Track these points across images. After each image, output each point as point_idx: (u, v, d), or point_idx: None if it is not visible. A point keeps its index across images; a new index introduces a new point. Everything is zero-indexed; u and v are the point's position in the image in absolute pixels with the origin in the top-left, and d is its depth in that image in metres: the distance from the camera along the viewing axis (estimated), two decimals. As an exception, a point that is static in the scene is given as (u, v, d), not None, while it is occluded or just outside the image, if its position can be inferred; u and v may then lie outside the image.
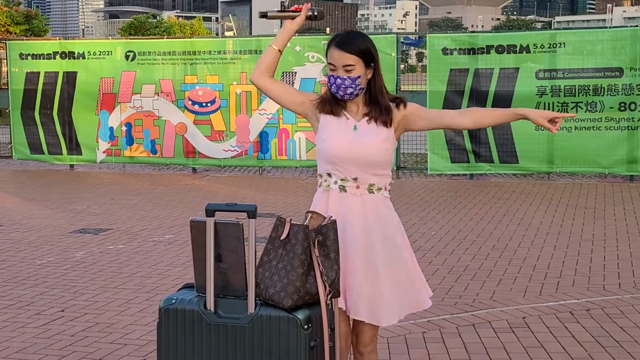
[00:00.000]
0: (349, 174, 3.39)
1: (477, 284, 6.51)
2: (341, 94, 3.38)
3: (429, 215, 9.53)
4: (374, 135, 3.39)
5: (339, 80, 3.35)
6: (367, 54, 3.39)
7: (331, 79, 3.38)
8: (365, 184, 3.40)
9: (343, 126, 3.41)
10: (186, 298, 3.10)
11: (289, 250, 3.05)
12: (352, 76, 3.35)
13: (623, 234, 8.39)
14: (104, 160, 14.00)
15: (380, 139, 3.39)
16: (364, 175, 3.39)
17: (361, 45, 3.38)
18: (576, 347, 5.00)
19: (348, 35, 3.43)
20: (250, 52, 13.26)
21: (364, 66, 3.38)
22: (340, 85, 3.35)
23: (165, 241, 8.24)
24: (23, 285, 6.59)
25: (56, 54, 14.00)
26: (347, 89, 3.36)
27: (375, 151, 3.38)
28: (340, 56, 3.35)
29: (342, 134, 3.39)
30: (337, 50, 3.36)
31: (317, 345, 2.98)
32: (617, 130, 11.87)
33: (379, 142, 3.39)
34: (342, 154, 3.37)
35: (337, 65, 3.35)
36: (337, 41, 3.39)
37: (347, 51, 3.35)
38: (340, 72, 3.35)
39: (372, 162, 3.38)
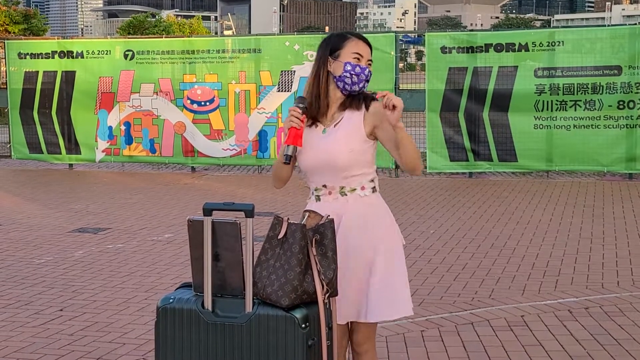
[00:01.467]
0: (319, 182, 3.43)
1: (476, 282, 6.51)
2: (356, 81, 3.40)
3: (428, 214, 9.53)
4: (339, 137, 3.37)
5: (359, 69, 3.40)
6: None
7: (357, 68, 3.40)
8: (335, 188, 3.40)
9: (313, 134, 3.42)
10: (184, 297, 3.10)
11: (286, 249, 3.05)
12: (370, 70, 3.44)
13: (622, 232, 8.40)
14: (102, 159, 14.00)
15: (345, 139, 3.36)
16: (332, 179, 3.39)
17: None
18: (575, 345, 5.00)
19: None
20: (249, 51, 13.26)
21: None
22: (360, 74, 3.39)
23: (164, 240, 8.24)
24: (22, 284, 6.59)
25: (55, 53, 14.00)
26: (361, 82, 3.41)
27: (338, 154, 3.35)
28: (367, 51, 3.44)
29: (310, 144, 3.41)
30: (363, 44, 3.45)
31: (314, 344, 2.98)
32: (616, 129, 11.88)
33: (343, 144, 3.35)
34: (309, 165, 3.42)
35: (364, 56, 3.43)
36: (359, 37, 3.48)
37: (370, 47, 3.47)
38: (363, 63, 3.43)
39: (334, 167, 3.37)
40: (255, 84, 13.15)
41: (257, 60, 13.21)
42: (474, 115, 12.32)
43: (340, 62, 3.40)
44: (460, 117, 12.36)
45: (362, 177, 3.42)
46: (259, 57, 13.20)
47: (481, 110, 12.27)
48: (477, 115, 12.31)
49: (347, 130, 3.39)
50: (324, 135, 3.41)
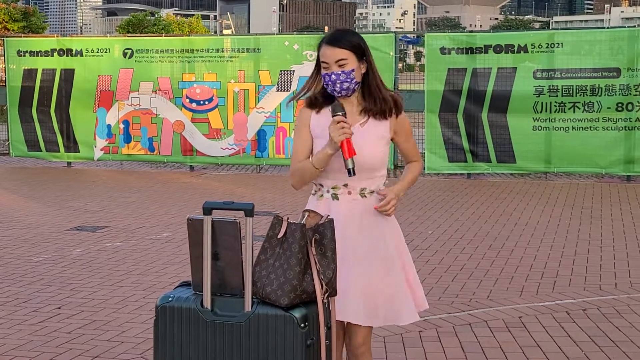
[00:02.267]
0: (340, 181, 3.39)
1: (474, 283, 6.51)
2: (338, 89, 3.36)
3: (426, 215, 9.53)
4: (368, 138, 3.37)
5: (334, 76, 3.34)
6: (357, 47, 3.38)
7: (325, 77, 3.36)
8: (356, 188, 3.39)
9: None
10: (183, 296, 3.10)
11: (286, 249, 3.05)
12: (346, 70, 3.34)
13: (620, 234, 8.40)
14: (101, 157, 13.99)
15: (375, 140, 3.38)
16: (355, 180, 3.36)
17: (351, 39, 3.38)
18: (572, 347, 5.01)
19: (338, 32, 3.44)
20: (249, 50, 13.26)
21: (357, 60, 3.36)
22: (336, 81, 3.34)
23: (163, 239, 8.24)
24: (20, 282, 6.59)
25: (54, 51, 13.99)
26: (342, 83, 3.34)
27: (371, 155, 3.36)
28: (332, 52, 3.34)
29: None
30: (328, 46, 3.37)
31: (313, 344, 2.98)
32: (615, 131, 11.88)
33: (374, 145, 3.37)
34: (332, 164, 3.35)
35: (330, 61, 3.34)
36: (327, 39, 3.40)
37: (337, 46, 3.35)
38: (333, 68, 3.34)
39: (367, 166, 3.35)
40: (254, 84, 13.15)
41: (256, 59, 13.21)
42: (473, 116, 12.33)
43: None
44: (459, 118, 12.37)
45: (381, 179, 3.47)
46: (258, 57, 13.20)
47: (480, 112, 12.28)
48: (476, 116, 12.31)
49: (376, 132, 3.40)
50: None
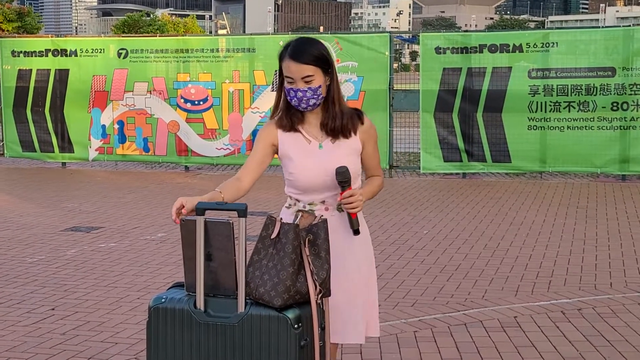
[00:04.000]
0: (317, 198, 3.32)
1: (469, 283, 6.51)
2: (303, 106, 3.26)
3: (422, 214, 9.53)
4: (339, 153, 3.29)
5: (300, 93, 3.22)
6: (323, 60, 3.24)
7: (291, 92, 3.23)
8: (333, 205, 3.32)
9: (306, 151, 3.30)
10: (176, 297, 3.08)
11: (279, 249, 3.04)
12: (313, 87, 3.22)
13: (615, 234, 8.41)
14: (96, 158, 13.96)
15: (346, 157, 3.29)
16: (331, 196, 3.31)
17: (316, 52, 3.22)
18: (567, 347, 5.00)
19: (301, 44, 3.26)
20: (244, 51, 13.25)
21: (322, 74, 3.25)
22: (302, 98, 3.23)
23: (157, 240, 8.22)
24: (14, 283, 6.57)
25: (48, 52, 13.96)
26: (309, 100, 3.24)
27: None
28: (298, 68, 3.20)
29: (307, 161, 3.29)
30: (293, 62, 3.20)
31: (307, 345, 2.97)
32: (610, 130, 11.89)
33: (345, 162, 3.26)
34: (310, 180, 3.29)
35: (296, 77, 3.21)
36: (290, 52, 3.23)
37: (303, 62, 3.20)
38: (299, 85, 3.21)
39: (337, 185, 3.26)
40: (249, 84, 13.13)
41: (251, 59, 13.19)
42: (468, 115, 12.33)
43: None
44: (454, 117, 12.37)
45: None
46: (253, 57, 13.19)
47: (475, 111, 12.28)
48: (471, 115, 12.31)
49: (346, 147, 3.32)
50: (321, 150, 3.30)
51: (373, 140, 3.41)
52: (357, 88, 12.59)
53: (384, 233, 8.45)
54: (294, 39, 3.33)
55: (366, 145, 3.38)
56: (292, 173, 3.32)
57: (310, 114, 3.33)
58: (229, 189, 3.27)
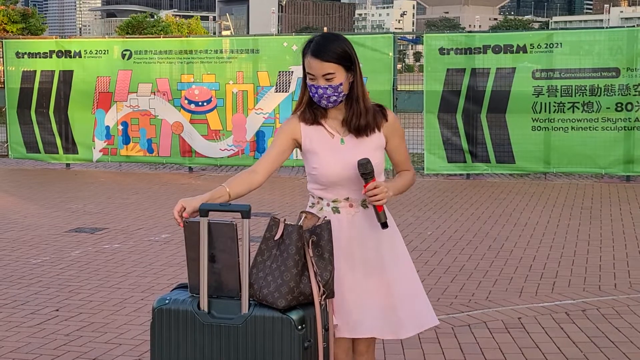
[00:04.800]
0: (340, 195, 3.28)
1: (473, 284, 6.50)
2: (324, 103, 3.25)
3: (425, 215, 9.52)
4: (363, 149, 3.26)
5: (321, 90, 3.21)
6: (345, 58, 3.22)
7: (312, 88, 3.23)
8: (358, 200, 3.29)
9: (330, 145, 3.28)
10: (180, 298, 3.09)
11: (282, 251, 3.03)
12: (334, 84, 3.21)
13: (619, 235, 8.39)
14: (100, 159, 13.98)
15: (369, 152, 3.25)
16: (355, 192, 3.27)
17: (338, 49, 3.21)
18: (572, 348, 5.00)
19: (323, 40, 3.24)
20: (247, 52, 13.25)
21: (344, 71, 3.23)
22: (323, 95, 3.22)
23: (161, 241, 8.23)
24: (18, 284, 6.57)
25: (53, 53, 13.98)
26: (330, 97, 3.22)
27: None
28: (319, 65, 3.18)
29: (331, 156, 3.26)
30: (314, 59, 3.19)
31: (310, 346, 2.97)
32: (614, 131, 11.87)
33: (371, 156, 3.22)
34: (334, 175, 3.25)
35: (317, 74, 3.20)
36: (312, 50, 3.21)
37: (325, 59, 3.18)
38: (320, 82, 3.20)
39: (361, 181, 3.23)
40: (253, 85, 13.14)
41: (255, 60, 13.20)
42: (472, 116, 12.31)
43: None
44: (458, 118, 12.36)
45: None
46: (256, 58, 13.19)
47: (479, 112, 12.27)
48: (475, 116, 12.30)
49: (368, 143, 3.29)
50: (343, 145, 3.28)
51: (398, 135, 3.38)
52: (361, 89, 12.56)
53: (388, 234, 8.43)
54: (317, 35, 3.31)
55: (390, 140, 3.35)
56: (315, 167, 3.28)
57: (333, 110, 3.31)
58: (238, 184, 3.24)
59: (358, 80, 3.28)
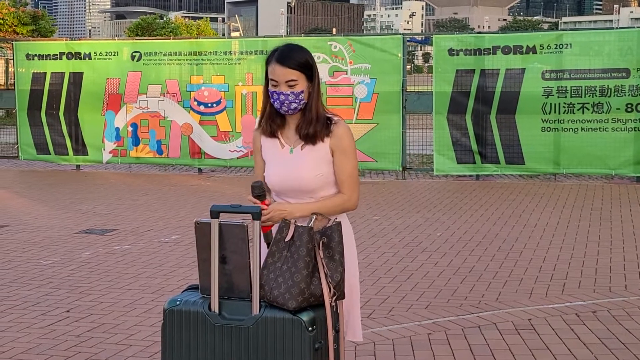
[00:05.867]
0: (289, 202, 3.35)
1: (483, 285, 6.49)
2: (285, 109, 3.34)
3: (435, 217, 9.51)
4: (308, 160, 3.33)
5: (282, 96, 3.31)
6: (307, 67, 3.34)
7: (274, 94, 3.34)
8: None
9: (279, 155, 3.40)
10: (191, 299, 3.09)
11: (293, 252, 3.04)
12: (296, 91, 3.31)
13: (629, 236, 8.37)
14: (110, 160, 14.02)
15: (313, 164, 3.32)
16: (300, 201, 3.34)
17: (301, 59, 3.33)
18: (582, 349, 4.99)
19: (288, 49, 3.37)
20: (257, 53, 13.27)
21: (306, 80, 3.33)
22: (284, 101, 3.32)
23: (171, 242, 8.25)
24: (29, 285, 6.60)
25: (62, 55, 14.03)
26: (290, 104, 3.32)
27: (306, 178, 3.32)
28: (282, 72, 3.31)
29: (276, 165, 3.38)
30: (278, 65, 3.32)
31: (321, 347, 2.97)
32: (624, 132, 11.84)
33: (311, 168, 3.32)
34: (277, 185, 3.36)
35: (280, 81, 3.31)
36: (277, 57, 3.34)
37: (288, 66, 3.31)
38: (282, 88, 3.31)
39: (304, 189, 3.33)
40: (262, 86, 13.08)
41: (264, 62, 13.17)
42: (481, 117, 12.30)
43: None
44: (467, 119, 12.34)
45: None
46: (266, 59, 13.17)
47: (488, 113, 12.25)
48: (484, 117, 12.29)
49: (314, 154, 3.35)
50: (291, 155, 3.38)
51: (340, 151, 3.35)
52: (370, 90, 12.59)
53: (397, 235, 8.44)
54: (282, 45, 3.43)
55: (334, 154, 3.37)
56: (267, 176, 3.42)
57: (291, 119, 3.41)
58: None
59: (316, 91, 3.37)
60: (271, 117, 3.42)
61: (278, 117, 3.41)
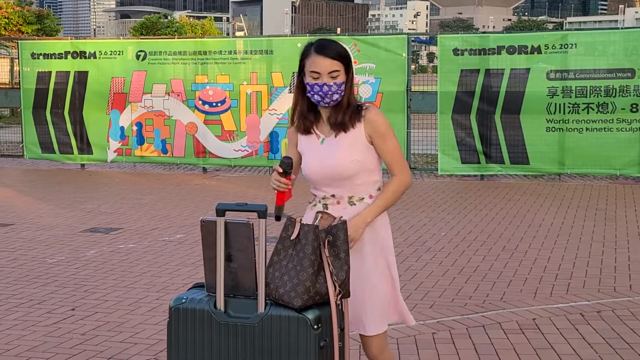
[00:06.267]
0: (327, 191, 3.41)
1: (487, 285, 6.49)
2: (327, 101, 3.33)
3: (439, 216, 9.51)
4: (339, 147, 3.35)
5: (326, 88, 3.30)
6: (346, 58, 3.36)
7: (315, 87, 3.31)
8: (344, 197, 3.38)
9: (312, 143, 3.43)
10: (196, 297, 3.10)
11: (299, 250, 3.05)
12: (338, 82, 3.31)
13: (634, 236, 8.36)
14: (114, 159, 14.04)
15: (348, 150, 3.34)
16: (339, 190, 3.38)
17: (340, 50, 3.34)
18: (586, 349, 4.98)
19: (326, 41, 3.38)
20: (261, 52, 13.28)
21: (344, 72, 3.34)
22: (327, 92, 3.30)
23: (176, 241, 8.26)
24: (34, 284, 6.62)
25: (68, 54, 14.06)
26: (333, 95, 3.32)
27: (342, 165, 3.34)
28: (325, 63, 3.29)
29: (312, 152, 3.41)
30: (320, 57, 3.31)
31: (326, 345, 2.98)
32: (629, 132, 11.83)
33: (346, 154, 3.34)
34: (314, 174, 3.40)
35: (323, 72, 3.29)
36: (317, 48, 3.33)
37: (331, 57, 3.31)
38: (325, 79, 3.29)
39: (340, 176, 3.35)
40: (266, 85, 13.16)
41: (269, 61, 13.22)
42: (486, 117, 12.29)
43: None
44: (472, 119, 12.34)
45: (369, 186, 3.42)
46: (270, 59, 13.21)
47: (493, 113, 12.25)
48: (489, 117, 12.28)
49: (348, 141, 3.36)
50: (322, 145, 3.40)
51: (377, 135, 3.38)
52: (374, 90, 12.59)
53: (402, 235, 8.44)
54: (316, 39, 3.44)
55: (373, 140, 3.40)
56: (302, 168, 3.47)
57: (324, 111, 3.42)
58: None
59: (351, 81, 3.39)
60: (303, 115, 3.43)
61: (310, 113, 3.42)
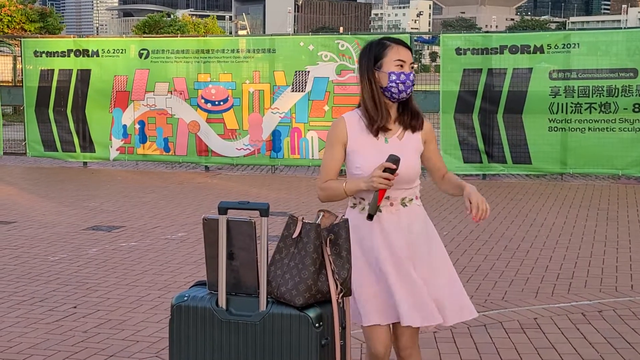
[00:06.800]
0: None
1: (489, 284, 6.50)
2: (406, 92, 3.39)
3: (441, 216, 9.52)
4: (409, 149, 3.42)
5: (404, 76, 3.37)
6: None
7: (402, 75, 3.37)
8: (398, 199, 3.44)
9: (374, 145, 3.40)
10: (198, 295, 3.11)
11: (301, 249, 3.05)
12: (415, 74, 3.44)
13: (636, 236, 8.36)
14: (117, 157, 14.05)
15: (412, 152, 3.42)
16: (398, 192, 3.42)
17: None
18: (588, 349, 4.99)
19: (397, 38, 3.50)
20: (264, 51, 13.28)
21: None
22: (405, 81, 3.37)
23: (178, 239, 8.27)
24: (36, 281, 6.63)
25: (70, 52, 14.07)
26: (410, 86, 3.40)
27: (414, 167, 3.43)
28: (408, 55, 3.41)
29: (374, 155, 3.36)
30: (404, 49, 3.41)
31: (328, 344, 2.98)
32: (631, 132, 11.82)
33: (415, 156, 3.44)
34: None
35: (407, 61, 3.40)
36: (397, 41, 3.44)
37: (410, 50, 3.44)
38: (406, 69, 3.39)
39: (410, 178, 3.42)
40: (269, 84, 13.17)
41: (272, 60, 13.23)
42: (488, 117, 12.30)
43: (385, 73, 3.38)
44: (474, 118, 12.34)
45: (417, 188, 3.54)
46: (273, 57, 13.22)
47: (495, 112, 12.25)
48: (491, 117, 12.28)
49: (413, 145, 3.45)
50: (387, 145, 3.40)
51: (430, 140, 3.53)
52: (377, 89, 12.57)
53: (404, 234, 8.44)
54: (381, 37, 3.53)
55: (428, 144, 3.52)
56: (358, 167, 3.40)
57: (392, 109, 3.45)
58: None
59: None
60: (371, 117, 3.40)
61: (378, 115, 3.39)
